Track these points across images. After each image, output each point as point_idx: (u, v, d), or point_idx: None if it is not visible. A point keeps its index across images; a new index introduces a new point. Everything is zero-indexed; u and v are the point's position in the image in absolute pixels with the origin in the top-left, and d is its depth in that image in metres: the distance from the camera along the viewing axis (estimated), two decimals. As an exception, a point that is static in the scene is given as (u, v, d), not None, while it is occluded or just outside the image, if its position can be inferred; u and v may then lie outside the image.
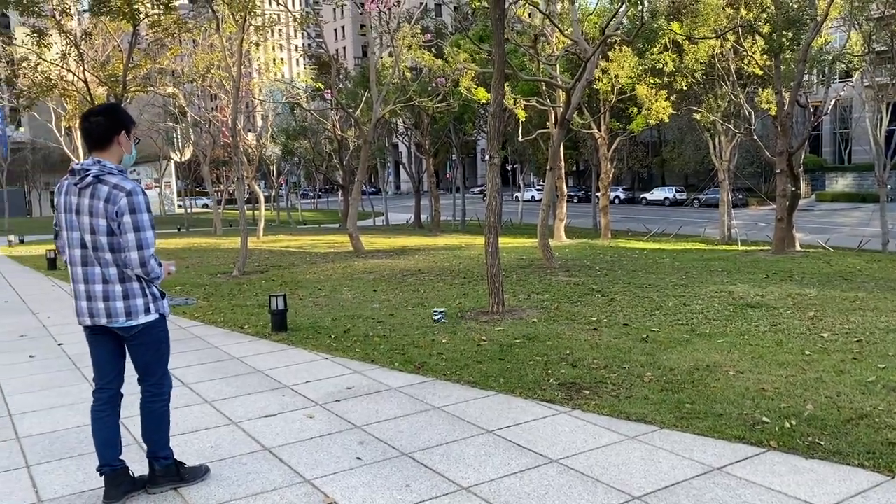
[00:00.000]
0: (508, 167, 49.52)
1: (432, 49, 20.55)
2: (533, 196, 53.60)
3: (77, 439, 4.51)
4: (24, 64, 23.48)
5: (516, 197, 49.35)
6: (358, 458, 4.08)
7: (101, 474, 3.60)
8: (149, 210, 3.45)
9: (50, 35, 21.56)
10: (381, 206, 46.88)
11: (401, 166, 53.41)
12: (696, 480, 3.67)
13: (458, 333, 7.22)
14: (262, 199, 27.55)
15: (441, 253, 16.86)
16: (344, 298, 9.93)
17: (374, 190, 65.59)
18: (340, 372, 5.97)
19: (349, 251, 17.52)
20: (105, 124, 3.47)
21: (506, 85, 13.85)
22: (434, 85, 19.76)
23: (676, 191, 51.26)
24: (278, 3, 19.65)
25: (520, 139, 22.64)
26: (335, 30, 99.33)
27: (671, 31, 17.97)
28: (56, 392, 5.66)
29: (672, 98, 21.18)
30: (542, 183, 44.94)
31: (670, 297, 9.16)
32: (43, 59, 21.85)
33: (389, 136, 41.21)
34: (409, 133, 36.76)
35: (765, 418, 4.43)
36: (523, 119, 19.70)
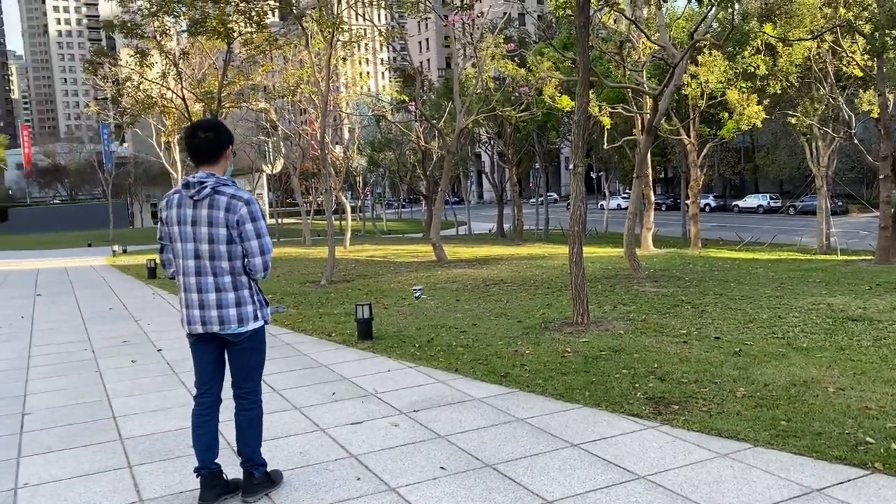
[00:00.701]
0: (593, 175, 48.84)
1: (515, 59, 20.51)
2: (619, 204, 52.60)
3: (175, 442, 4.71)
4: (128, 83, 24.89)
5: (601, 205, 48.61)
6: (442, 468, 4.10)
7: (197, 476, 3.74)
8: (263, 217, 3.64)
9: (151, 55, 22.77)
10: (463, 215, 47.11)
11: (483, 176, 53.52)
12: (794, 502, 3.50)
13: (541, 344, 7.16)
14: (348, 209, 28.18)
15: (524, 262, 16.77)
16: (427, 308, 10.02)
17: (456, 199, 65.91)
18: (424, 381, 6.02)
19: (432, 261, 17.68)
20: (215, 139, 3.60)
21: (590, 92, 13.68)
22: (517, 94, 19.75)
23: (771, 198, 49.24)
24: (364, 19, 20.13)
25: (605, 147, 22.30)
26: (419, 42, 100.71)
27: (764, 33, 17.33)
28: (155, 396, 5.94)
29: (765, 102, 20.39)
30: (627, 191, 44.12)
31: (764, 310, 8.80)
32: (145, 79, 23.09)
33: (472, 145, 41.40)
34: (491, 142, 36.81)
35: (868, 438, 4.19)
36: (608, 126, 19.42)
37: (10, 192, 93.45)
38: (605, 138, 21.06)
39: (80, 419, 5.35)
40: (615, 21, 18.50)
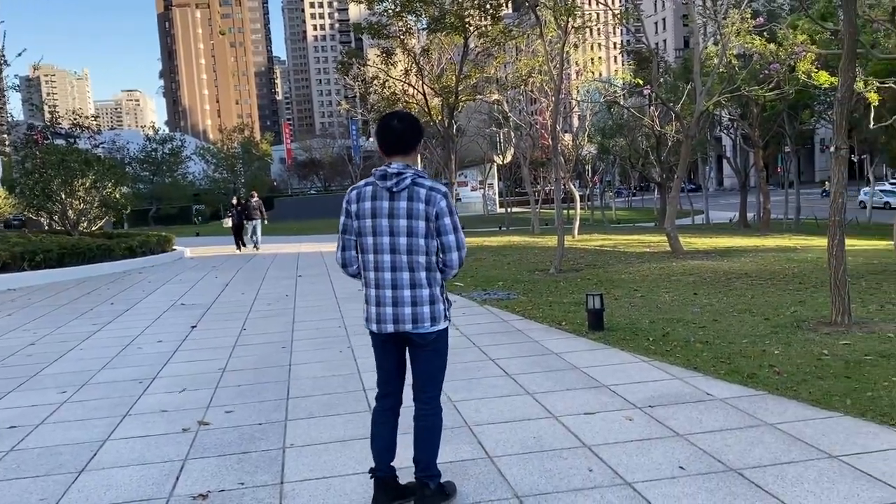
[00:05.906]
0: (854, 158, 43.63)
1: (764, 33, 18.92)
2: (887, 202, 46.41)
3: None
4: (375, 82, 26.80)
5: (864, 192, 43.42)
6: (681, 468, 3.93)
7: (372, 477, 3.58)
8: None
9: (395, 54, 24.27)
10: (700, 203, 44.62)
11: (724, 160, 50.27)
12: None
13: (793, 345, 6.56)
14: (577, 198, 27.95)
15: (771, 255, 15.49)
16: (661, 300, 9.64)
17: (693, 187, 62.72)
18: (659, 376, 5.80)
19: (666, 251, 16.96)
20: (412, 130, 3.41)
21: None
22: (766, 72, 18.23)
23: None
24: (598, 2, 19.78)
25: (871, 126, 19.84)
26: (655, 23, 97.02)
27: None
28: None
29: None
30: (896, 176, 38.90)
31: None
32: (389, 77, 24.69)
33: (712, 129, 39.04)
34: (734, 125, 34.42)
35: None
36: (876, 103, 17.21)
37: (275, 183, 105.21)
38: (871, 116, 18.70)
39: (336, 390, 5.88)
40: (887, -17, 16.28)
